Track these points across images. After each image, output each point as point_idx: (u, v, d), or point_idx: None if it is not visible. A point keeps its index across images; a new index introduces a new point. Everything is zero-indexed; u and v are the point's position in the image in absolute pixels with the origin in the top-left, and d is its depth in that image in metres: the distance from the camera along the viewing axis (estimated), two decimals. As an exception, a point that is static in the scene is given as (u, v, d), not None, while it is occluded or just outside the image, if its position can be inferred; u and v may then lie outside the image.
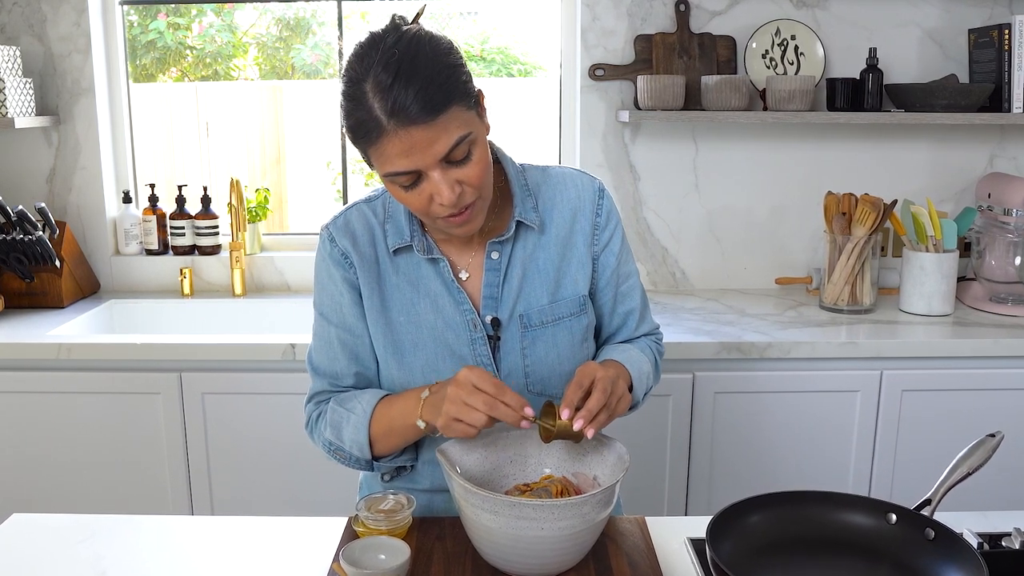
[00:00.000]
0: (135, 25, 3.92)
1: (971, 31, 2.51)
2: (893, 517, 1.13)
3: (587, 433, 1.13)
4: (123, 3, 2.63)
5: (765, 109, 2.46)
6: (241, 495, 2.18)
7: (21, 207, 2.35)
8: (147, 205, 2.67)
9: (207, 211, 2.67)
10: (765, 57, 2.52)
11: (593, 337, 1.39)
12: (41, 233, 2.36)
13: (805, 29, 2.51)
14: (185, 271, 2.61)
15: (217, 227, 2.67)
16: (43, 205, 2.40)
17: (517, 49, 4.38)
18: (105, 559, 1.21)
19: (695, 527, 1.26)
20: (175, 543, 1.27)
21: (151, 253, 2.67)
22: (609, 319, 1.40)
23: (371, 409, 1.27)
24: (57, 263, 2.41)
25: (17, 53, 2.45)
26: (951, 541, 1.07)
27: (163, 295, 2.62)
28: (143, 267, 2.66)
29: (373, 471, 1.33)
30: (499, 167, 1.33)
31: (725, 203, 2.63)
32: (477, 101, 1.17)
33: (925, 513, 1.13)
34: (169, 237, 2.68)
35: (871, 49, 2.44)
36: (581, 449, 1.23)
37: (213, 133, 4.36)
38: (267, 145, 4.42)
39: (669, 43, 2.51)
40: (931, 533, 1.09)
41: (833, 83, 2.45)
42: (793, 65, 2.52)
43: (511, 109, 3.91)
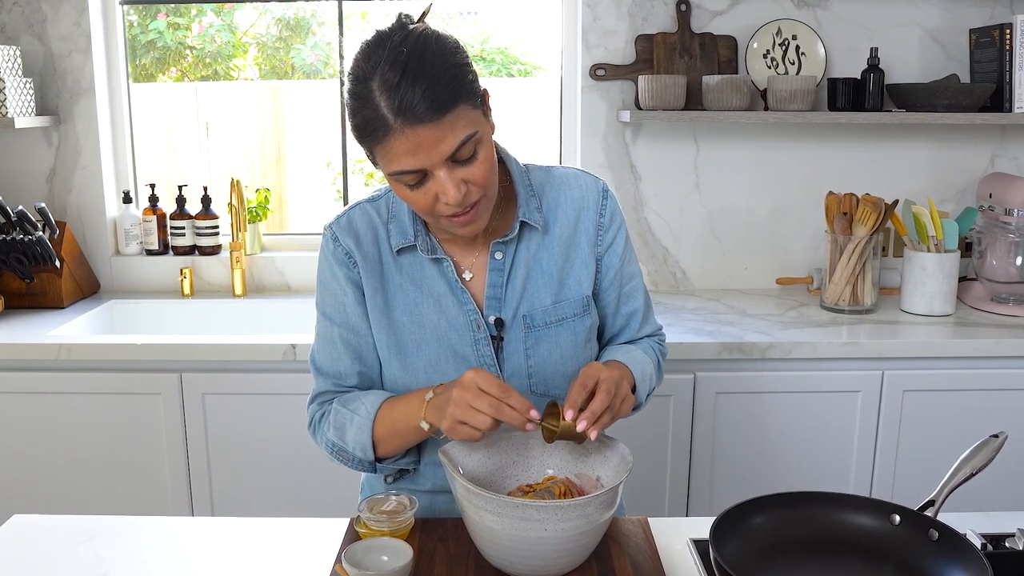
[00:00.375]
0: (135, 25, 3.92)
1: (972, 31, 2.51)
2: (897, 518, 1.13)
3: (590, 434, 1.12)
4: (123, 3, 2.62)
5: (766, 109, 2.46)
6: (242, 496, 2.18)
7: (21, 207, 2.34)
8: (147, 205, 2.67)
9: (207, 211, 2.66)
10: (766, 57, 2.52)
11: (596, 338, 1.39)
12: (41, 233, 2.36)
13: (806, 29, 2.51)
14: (185, 271, 2.61)
15: (217, 227, 2.67)
16: (43, 205, 2.40)
17: (517, 49, 4.38)
18: (106, 560, 1.21)
19: (698, 528, 1.26)
20: (176, 544, 1.27)
21: (151, 253, 2.67)
22: (612, 320, 1.39)
23: (375, 411, 1.26)
24: (57, 263, 2.41)
25: (17, 53, 2.44)
26: (955, 542, 1.07)
27: (163, 295, 2.62)
28: (143, 267, 2.66)
29: (376, 473, 1.33)
30: (503, 167, 1.32)
31: (726, 203, 2.63)
32: (483, 100, 1.17)
33: (929, 514, 1.12)
34: (169, 237, 2.67)
35: (872, 49, 2.43)
36: (584, 450, 1.23)
37: (213, 133, 4.35)
38: (267, 145, 4.42)
39: (670, 43, 2.50)
40: (935, 534, 1.09)
41: (834, 83, 2.44)
42: (794, 65, 2.52)
43: (511, 109, 3.91)
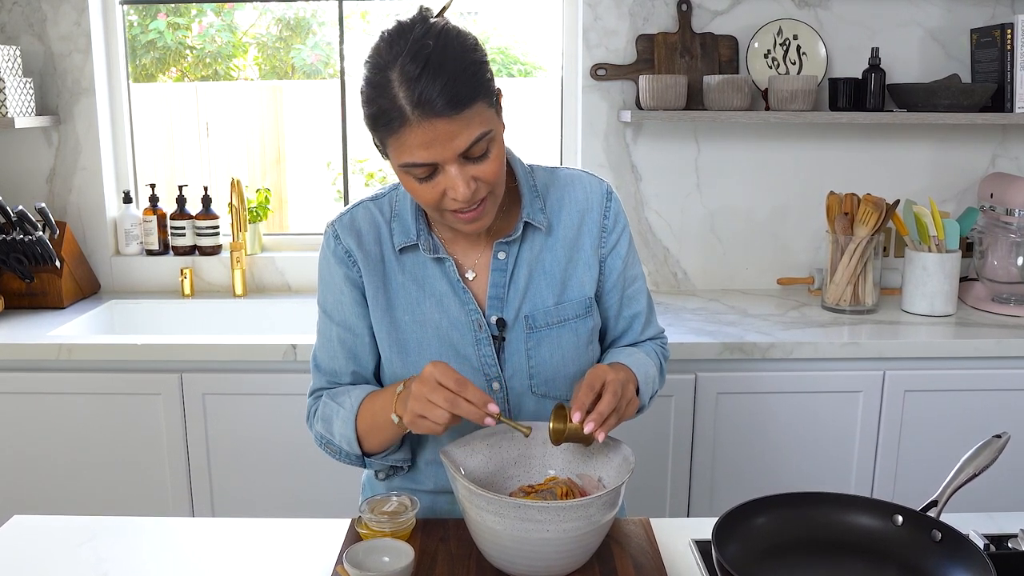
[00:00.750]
0: (135, 25, 3.91)
1: (973, 31, 2.51)
2: (899, 519, 1.13)
3: (598, 437, 1.12)
4: (123, 3, 2.62)
5: (767, 109, 2.46)
6: (242, 496, 2.18)
7: (21, 207, 2.34)
8: (147, 205, 2.66)
9: (208, 211, 2.66)
10: (767, 57, 2.52)
11: (598, 340, 1.38)
12: (41, 233, 2.35)
13: (807, 29, 2.51)
14: (186, 271, 2.60)
15: (218, 227, 2.67)
16: (43, 205, 2.40)
17: (518, 49, 4.37)
18: (106, 561, 1.21)
19: (700, 529, 1.25)
20: (177, 545, 1.26)
21: (151, 253, 2.66)
22: (615, 322, 1.39)
23: (358, 404, 1.27)
24: (57, 263, 2.40)
25: (17, 53, 2.44)
26: (958, 543, 1.06)
27: (163, 295, 2.62)
28: (143, 267, 2.65)
29: (365, 468, 1.34)
30: (508, 167, 1.32)
31: (727, 203, 2.62)
32: (497, 99, 1.18)
33: (931, 514, 1.12)
34: (169, 237, 2.67)
35: (873, 49, 2.43)
36: (586, 450, 1.22)
37: (213, 133, 4.35)
38: (267, 145, 4.42)
39: (671, 43, 2.50)
40: (938, 535, 1.09)
41: (835, 83, 2.44)
42: (795, 65, 2.52)
43: (512, 109, 3.90)
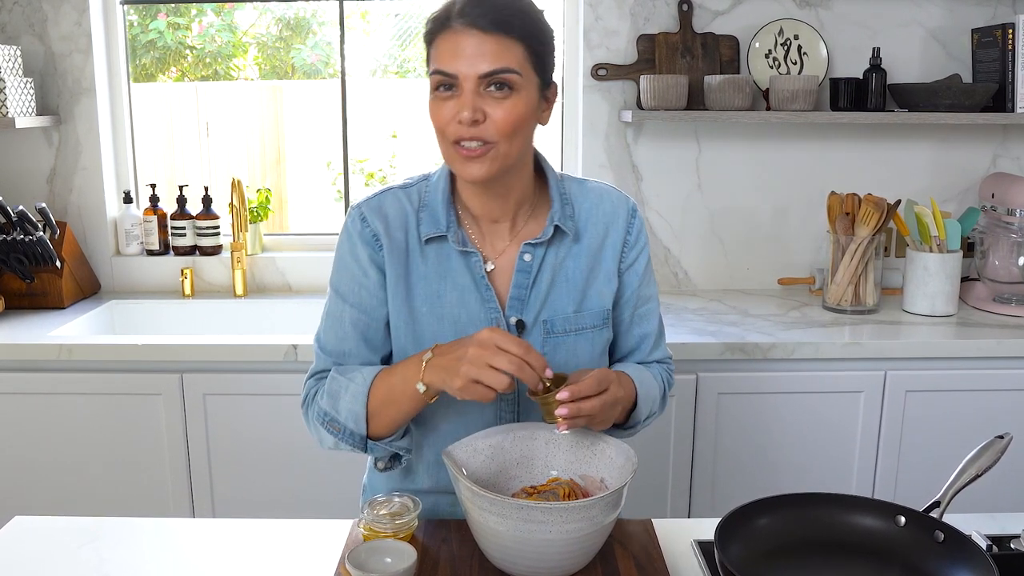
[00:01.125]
0: (135, 25, 3.91)
1: (974, 31, 2.50)
2: (902, 519, 1.13)
3: (560, 426, 1.14)
4: (124, 3, 2.62)
5: (768, 109, 2.46)
6: (243, 497, 2.17)
7: (21, 207, 2.34)
8: (148, 205, 2.66)
9: (208, 211, 2.66)
10: (768, 57, 2.51)
11: (608, 355, 1.39)
12: (42, 233, 2.35)
13: (808, 29, 2.51)
14: (186, 271, 2.60)
15: (218, 227, 2.67)
16: (44, 205, 2.40)
17: (518, 49, 4.37)
18: (108, 562, 1.20)
19: (702, 529, 1.25)
20: (178, 547, 1.26)
21: (152, 253, 2.66)
22: (624, 339, 1.40)
23: (372, 377, 1.24)
24: (58, 263, 2.40)
25: (18, 53, 2.44)
26: (961, 543, 1.06)
27: (164, 296, 2.61)
28: (144, 267, 2.65)
29: (367, 452, 1.28)
30: (540, 172, 1.34)
31: (728, 203, 2.62)
32: (548, 86, 1.25)
33: (934, 515, 1.12)
34: (170, 237, 2.67)
35: (874, 49, 2.43)
36: (589, 451, 1.22)
37: (213, 133, 4.35)
38: (267, 145, 4.42)
39: (672, 43, 2.50)
40: (940, 535, 1.09)
41: (836, 83, 2.44)
42: (796, 65, 2.52)
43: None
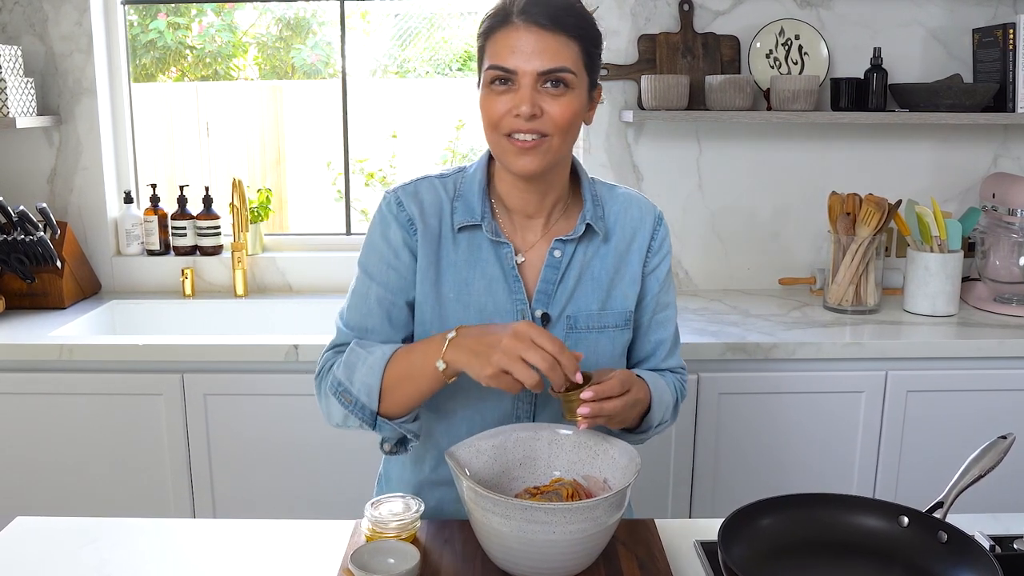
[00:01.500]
0: (135, 25, 3.91)
1: (975, 31, 2.50)
2: (905, 520, 1.12)
3: (580, 423, 1.15)
4: (125, 3, 2.62)
5: (769, 109, 2.46)
6: (244, 498, 2.17)
7: (22, 207, 2.34)
8: (148, 205, 2.66)
9: (209, 211, 2.66)
10: (769, 57, 2.51)
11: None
12: (42, 233, 2.35)
13: (809, 29, 2.51)
14: (187, 272, 2.60)
15: (219, 227, 2.66)
16: (44, 205, 2.39)
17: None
18: (109, 563, 1.20)
19: (705, 529, 1.25)
20: (179, 547, 1.26)
21: (152, 254, 2.66)
22: (639, 343, 1.41)
23: (391, 352, 1.24)
24: (58, 264, 2.40)
25: (18, 53, 2.43)
26: (964, 544, 1.06)
27: (164, 296, 2.61)
28: (144, 268, 2.65)
29: (374, 429, 1.27)
30: (574, 172, 1.38)
31: (729, 203, 2.62)
32: (594, 86, 1.28)
33: (937, 516, 1.12)
34: (170, 237, 2.66)
35: (875, 49, 2.43)
36: (592, 452, 1.22)
37: (213, 133, 4.35)
38: (267, 145, 4.41)
39: (673, 43, 2.50)
40: (944, 536, 1.09)
41: (837, 83, 2.44)
42: (797, 65, 2.52)
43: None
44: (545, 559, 1.07)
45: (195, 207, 2.67)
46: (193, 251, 2.66)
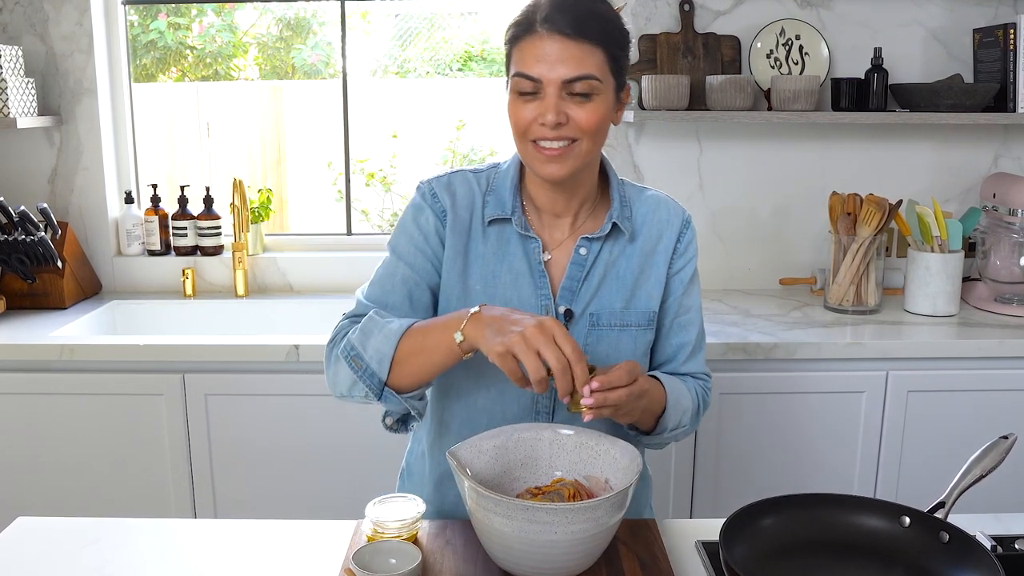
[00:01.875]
0: (135, 25, 3.91)
1: (976, 31, 2.50)
2: (907, 520, 1.12)
3: (585, 414, 1.14)
4: (125, 3, 2.62)
5: (770, 109, 2.46)
6: (245, 498, 2.17)
7: (23, 207, 2.34)
8: (149, 205, 2.66)
9: (209, 211, 2.66)
10: (769, 57, 2.51)
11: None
12: (43, 234, 2.35)
13: (810, 29, 2.51)
14: (187, 272, 2.60)
15: (220, 227, 2.66)
16: (45, 205, 2.39)
17: (518, 49, 4.36)
18: (110, 563, 1.20)
19: (706, 529, 1.25)
20: (180, 548, 1.26)
21: (153, 254, 2.66)
22: (662, 345, 1.41)
23: (409, 324, 1.24)
24: (59, 264, 2.40)
25: (19, 53, 2.43)
26: (966, 544, 1.06)
27: (165, 296, 2.61)
28: (145, 268, 2.65)
29: (380, 400, 1.26)
30: (603, 172, 1.39)
31: (729, 203, 2.62)
32: (622, 87, 1.28)
33: (939, 516, 1.12)
34: (171, 238, 2.67)
35: (876, 49, 2.43)
36: (593, 452, 1.22)
37: (214, 133, 4.35)
38: (267, 145, 4.41)
39: (673, 43, 2.50)
40: (945, 536, 1.09)
41: (838, 83, 2.44)
42: (798, 65, 2.52)
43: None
44: (546, 559, 1.07)
45: (196, 207, 2.67)
46: (194, 251, 2.66)
